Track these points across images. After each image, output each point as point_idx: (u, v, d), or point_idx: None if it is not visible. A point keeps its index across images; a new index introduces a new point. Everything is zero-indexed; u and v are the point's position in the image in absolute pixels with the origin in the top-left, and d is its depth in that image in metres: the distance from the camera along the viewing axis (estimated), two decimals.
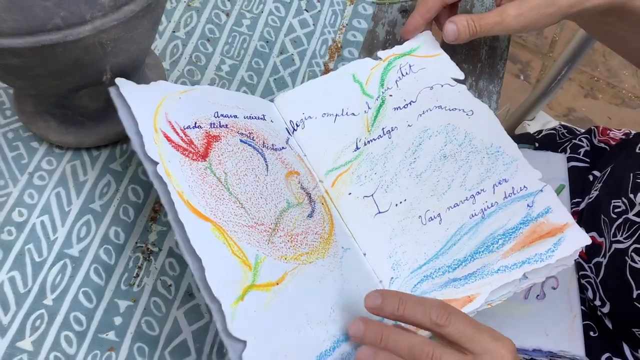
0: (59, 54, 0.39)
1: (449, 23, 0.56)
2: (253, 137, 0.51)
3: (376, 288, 0.49)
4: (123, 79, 0.45)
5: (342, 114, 0.55)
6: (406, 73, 0.57)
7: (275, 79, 0.61)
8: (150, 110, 0.46)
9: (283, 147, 0.53)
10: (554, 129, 0.85)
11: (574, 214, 0.73)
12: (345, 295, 0.47)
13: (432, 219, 0.51)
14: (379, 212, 0.52)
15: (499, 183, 0.52)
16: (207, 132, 0.48)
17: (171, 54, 0.60)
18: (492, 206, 0.51)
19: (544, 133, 0.85)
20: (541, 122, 1.10)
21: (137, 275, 0.50)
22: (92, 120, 0.52)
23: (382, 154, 0.54)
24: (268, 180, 0.49)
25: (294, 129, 0.54)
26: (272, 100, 0.56)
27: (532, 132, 0.88)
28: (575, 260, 0.53)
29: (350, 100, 0.56)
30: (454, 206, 0.52)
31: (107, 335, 0.48)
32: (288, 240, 0.47)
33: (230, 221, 0.45)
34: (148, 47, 0.48)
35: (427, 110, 0.56)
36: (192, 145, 0.47)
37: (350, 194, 0.53)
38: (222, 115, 0.50)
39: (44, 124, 0.52)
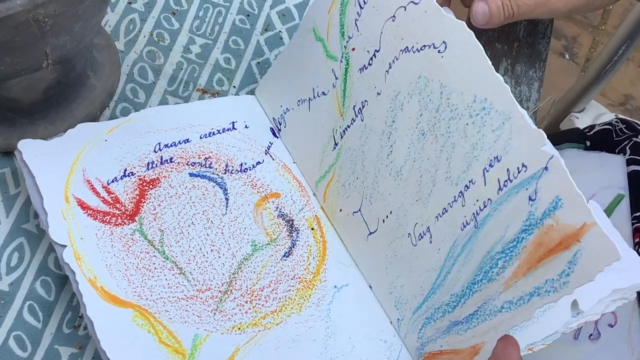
0: None
1: (479, 2, 0.56)
2: (211, 164, 0.52)
3: (387, 330, 0.49)
4: (27, 141, 0.48)
5: (314, 96, 0.54)
6: (364, 2, 0.52)
7: (258, 62, 0.60)
8: (62, 174, 0.48)
9: (259, 162, 0.53)
10: (609, 123, 0.85)
11: (635, 231, 0.72)
12: (333, 353, 0.47)
13: (421, 237, 0.50)
14: (370, 233, 0.51)
15: (490, 165, 0.45)
16: (140, 179, 0.50)
17: (126, 31, 0.60)
18: (485, 206, 0.46)
19: (596, 129, 0.85)
20: (593, 114, 1.10)
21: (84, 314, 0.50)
22: (26, 117, 0.51)
23: (358, 148, 0.52)
24: (225, 221, 0.50)
25: (278, 129, 0.54)
26: (253, 92, 0.55)
27: (581, 128, 0.88)
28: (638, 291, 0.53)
29: (317, 72, 0.53)
30: (443, 213, 0.49)
31: None
32: (247, 302, 0.48)
33: (160, 298, 0.47)
34: (97, 24, 0.48)
35: (393, 62, 0.50)
36: (118, 205, 0.49)
37: (340, 210, 0.52)
38: (166, 145, 0.52)
39: None
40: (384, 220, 0.51)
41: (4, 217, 0.51)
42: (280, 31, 0.62)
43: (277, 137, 0.54)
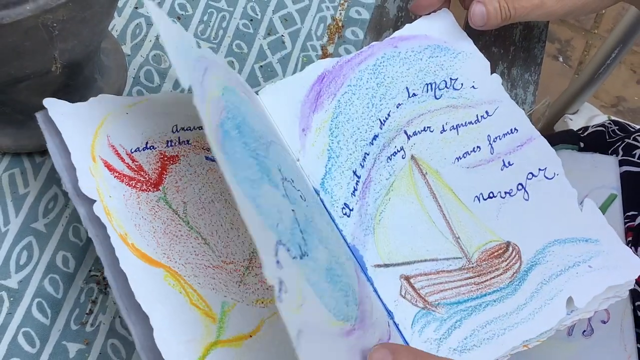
0: None
1: (477, 4, 0.56)
2: None
3: None
4: (52, 99, 0.45)
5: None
6: None
7: (261, 65, 0.60)
8: (88, 135, 0.46)
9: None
10: (602, 125, 0.85)
11: (628, 230, 0.72)
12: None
13: None
14: None
15: None
16: (161, 154, 0.49)
17: (133, 35, 0.60)
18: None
19: (590, 130, 0.85)
20: (586, 115, 1.10)
21: (91, 311, 0.50)
22: (35, 120, 0.51)
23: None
24: None
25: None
26: (257, 93, 0.55)
27: (575, 129, 0.88)
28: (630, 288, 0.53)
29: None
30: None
31: None
32: None
33: (189, 264, 0.46)
34: (104, 29, 0.47)
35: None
36: (142, 172, 0.48)
37: None
38: (182, 128, 0.51)
39: None
40: None
41: (13, 217, 0.51)
42: (282, 35, 0.61)
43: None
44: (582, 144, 0.83)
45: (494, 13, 0.56)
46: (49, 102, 0.46)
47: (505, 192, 0.54)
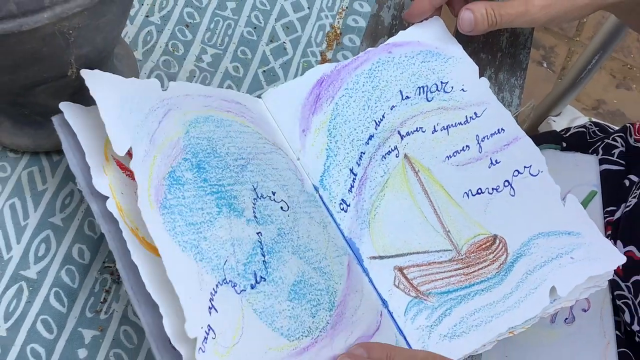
0: (12, 45, 0.39)
1: (465, 10, 0.56)
2: None
3: None
4: (68, 103, 0.45)
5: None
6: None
7: (264, 70, 0.60)
8: (101, 137, 0.46)
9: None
10: (583, 126, 0.85)
11: (607, 224, 0.72)
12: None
13: None
14: None
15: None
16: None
17: (144, 42, 0.59)
18: None
19: (572, 131, 0.85)
20: (568, 117, 1.10)
21: (105, 300, 0.50)
22: (52, 121, 0.51)
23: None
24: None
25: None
26: (259, 97, 0.55)
27: (558, 130, 0.88)
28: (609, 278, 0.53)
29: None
30: None
31: None
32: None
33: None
34: (117, 35, 0.47)
35: None
36: None
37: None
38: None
39: None
40: None
41: (32, 211, 0.51)
42: (284, 42, 0.61)
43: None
44: (564, 144, 0.83)
45: (481, 19, 0.56)
46: (65, 106, 0.45)
47: (493, 189, 0.54)
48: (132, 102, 0.45)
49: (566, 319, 0.66)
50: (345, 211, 0.52)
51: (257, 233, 0.46)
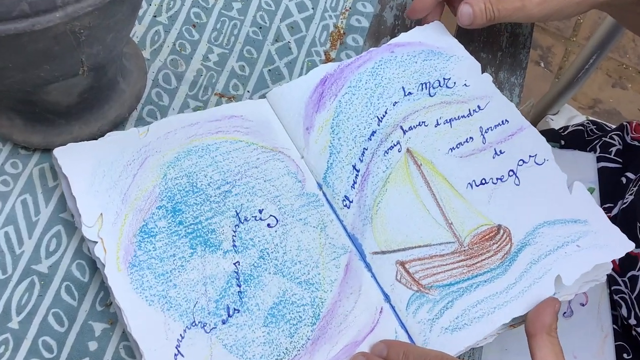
0: (25, 44, 0.39)
1: (464, 5, 0.56)
2: None
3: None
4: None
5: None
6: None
7: (269, 69, 0.60)
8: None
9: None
10: (581, 124, 0.85)
11: None
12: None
13: None
14: None
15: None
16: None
17: (152, 41, 0.59)
18: None
19: (570, 130, 0.85)
20: (566, 116, 1.10)
21: None
22: (63, 118, 0.51)
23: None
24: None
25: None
26: (264, 96, 0.55)
27: (556, 129, 0.88)
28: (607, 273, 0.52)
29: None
30: None
31: None
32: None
33: None
34: (126, 35, 0.47)
35: None
36: None
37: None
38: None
39: (7, 122, 0.51)
40: None
41: (43, 207, 0.51)
42: (289, 42, 0.61)
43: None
44: (562, 142, 0.83)
45: (480, 13, 0.56)
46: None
47: (497, 179, 0.53)
48: (106, 165, 0.48)
49: (564, 313, 0.66)
50: (348, 207, 0.52)
51: (235, 263, 0.47)
